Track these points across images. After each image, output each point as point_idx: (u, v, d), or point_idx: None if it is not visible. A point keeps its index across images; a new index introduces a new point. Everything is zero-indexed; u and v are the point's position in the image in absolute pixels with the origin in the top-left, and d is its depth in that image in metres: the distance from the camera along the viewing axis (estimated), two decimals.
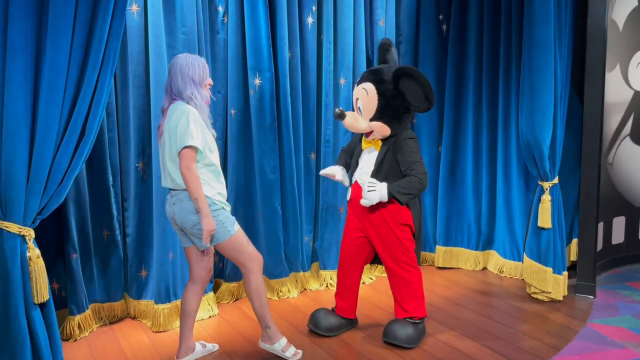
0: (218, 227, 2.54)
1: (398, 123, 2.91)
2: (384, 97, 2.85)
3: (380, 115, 2.88)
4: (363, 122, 2.92)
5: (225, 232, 2.58)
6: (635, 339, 3.04)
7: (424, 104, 2.83)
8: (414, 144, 2.91)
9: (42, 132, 2.15)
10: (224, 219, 2.59)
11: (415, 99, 2.83)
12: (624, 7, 4.07)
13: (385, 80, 2.87)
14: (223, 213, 2.60)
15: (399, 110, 2.88)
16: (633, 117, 4.24)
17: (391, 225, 2.92)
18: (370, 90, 2.88)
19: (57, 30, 2.13)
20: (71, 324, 3.06)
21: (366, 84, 2.91)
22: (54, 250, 3.09)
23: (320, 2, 3.75)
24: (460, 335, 3.12)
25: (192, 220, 2.54)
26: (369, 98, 2.89)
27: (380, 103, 2.86)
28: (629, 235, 4.34)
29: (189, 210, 2.53)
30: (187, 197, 2.53)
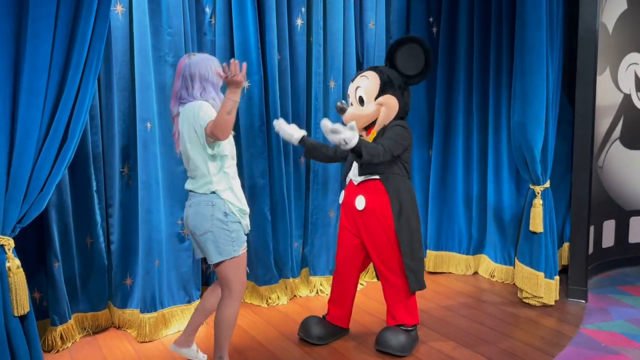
0: (226, 243, 2.45)
1: (401, 96, 2.91)
2: (383, 74, 2.90)
3: (384, 89, 2.88)
4: (368, 106, 2.88)
5: (230, 251, 2.47)
6: (630, 344, 3.02)
7: (425, 64, 2.86)
8: (402, 130, 2.83)
9: (21, 137, 2.06)
10: (236, 237, 2.48)
11: (412, 67, 2.88)
12: (614, 10, 4.08)
13: (379, 66, 3.00)
14: (238, 230, 2.50)
15: (400, 86, 2.91)
16: (623, 121, 4.24)
17: (383, 228, 2.85)
18: (370, 74, 2.92)
19: (38, 32, 2.04)
20: (53, 335, 2.96)
21: (365, 72, 2.97)
22: (35, 258, 2.99)
23: (310, 3, 3.69)
24: (453, 342, 3.07)
25: (203, 227, 2.44)
26: (370, 80, 2.90)
27: (382, 79, 2.89)
28: (619, 239, 4.34)
29: (204, 215, 2.43)
30: (205, 201, 2.44)
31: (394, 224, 2.83)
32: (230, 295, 2.53)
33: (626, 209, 4.34)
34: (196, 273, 3.40)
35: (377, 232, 2.87)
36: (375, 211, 2.84)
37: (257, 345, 3.06)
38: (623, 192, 4.32)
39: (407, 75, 2.91)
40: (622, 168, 4.29)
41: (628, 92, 4.23)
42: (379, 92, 2.87)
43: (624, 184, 4.31)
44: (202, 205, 2.45)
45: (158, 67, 3.12)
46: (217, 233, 2.44)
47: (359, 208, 2.87)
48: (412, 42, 2.90)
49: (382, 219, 2.85)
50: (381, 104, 2.86)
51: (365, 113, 2.88)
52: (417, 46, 2.88)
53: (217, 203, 2.45)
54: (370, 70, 2.96)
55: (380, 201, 2.84)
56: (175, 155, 3.19)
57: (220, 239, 2.44)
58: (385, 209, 2.83)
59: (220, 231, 2.44)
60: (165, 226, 3.21)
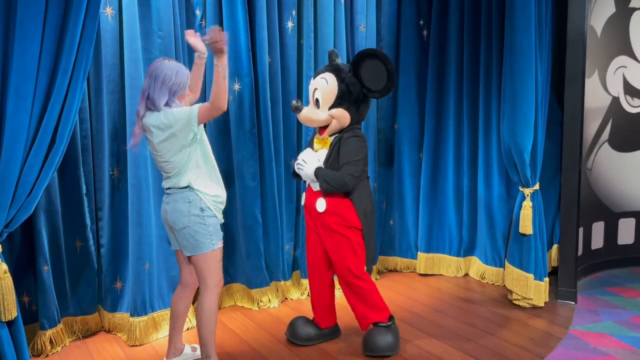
0: (204, 237, 2.51)
1: (356, 111, 2.89)
2: (343, 83, 2.85)
3: (340, 102, 2.85)
4: (321, 113, 2.88)
5: (209, 244, 2.53)
6: (619, 345, 3.04)
7: (386, 84, 2.82)
8: (357, 143, 2.85)
9: (9, 141, 2.05)
10: (213, 230, 2.55)
11: (375, 82, 2.83)
12: (602, 14, 4.11)
13: (343, 70, 2.89)
14: (215, 223, 2.56)
15: (358, 97, 2.87)
16: (611, 123, 4.28)
17: (339, 230, 2.87)
18: (330, 78, 2.87)
19: (26, 35, 2.03)
20: (42, 339, 2.94)
21: (325, 74, 2.91)
22: (24, 262, 2.96)
23: (300, 6, 3.69)
24: (443, 344, 3.08)
25: (182, 221, 2.51)
26: (328, 86, 2.86)
27: (341, 89, 2.84)
28: (608, 241, 4.37)
29: (182, 211, 2.50)
30: (182, 198, 2.51)
31: (360, 224, 2.87)
32: (207, 289, 2.59)
33: (615, 210, 4.37)
34: None
35: (337, 234, 2.87)
36: (337, 214, 2.86)
37: (248, 349, 3.05)
38: (612, 194, 4.35)
39: (368, 89, 2.85)
40: (610, 170, 4.32)
41: (616, 95, 4.27)
42: (334, 102, 2.85)
43: (612, 186, 4.34)
44: (180, 202, 2.52)
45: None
46: (195, 228, 2.51)
47: (319, 210, 2.88)
48: (376, 58, 2.81)
49: (346, 220, 2.86)
50: (332, 117, 2.87)
51: (317, 118, 2.89)
52: (381, 64, 2.80)
53: (193, 200, 2.51)
54: (332, 72, 2.88)
55: (343, 204, 2.86)
56: None
57: (198, 233, 2.52)
58: (348, 211, 2.85)
59: (198, 226, 2.51)
60: (156, 229, 3.19)
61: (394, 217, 4.41)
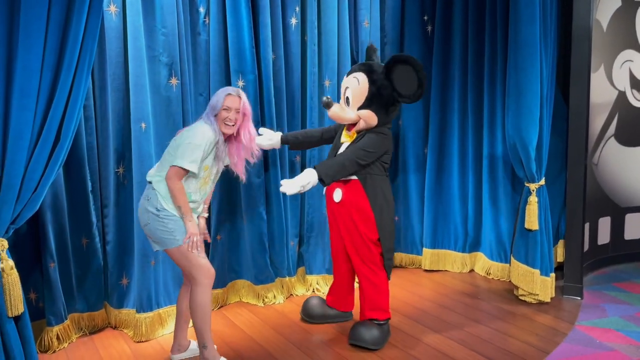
0: (163, 234, 2.56)
1: (385, 114, 2.95)
2: (374, 85, 2.89)
3: (369, 103, 2.91)
4: (350, 112, 2.94)
5: (172, 240, 2.57)
6: (624, 341, 3.03)
7: (416, 90, 2.84)
8: (377, 137, 2.92)
9: (14, 138, 2.06)
10: (173, 227, 2.57)
11: (406, 87, 2.85)
12: (608, 8, 4.08)
13: (376, 71, 2.93)
14: (175, 221, 2.58)
15: (388, 101, 2.92)
16: (617, 118, 4.25)
17: (354, 220, 2.93)
18: (362, 78, 2.92)
19: (29, 33, 2.04)
20: (49, 335, 2.96)
21: (357, 73, 2.96)
22: (31, 259, 2.99)
23: (304, 2, 3.69)
24: (448, 339, 3.08)
25: (143, 219, 2.61)
26: (359, 86, 2.91)
27: (371, 91, 2.90)
28: (614, 236, 4.35)
29: (144, 208, 2.60)
30: (145, 195, 2.61)
31: (374, 221, 2.92)
32: (195, 283, 2.62)
33: (621, 205, 4.35)
34: None
35: (352, 225, 2.95)
36: (351, 206, 2.93)
37: (254, 344, 3.06)
38: (618, 188, 4.33)
39: (399, 93, 2.89)
40: (617, 165, 4.30)
41: (623, 89, 4.24)
42: (364, 103, 2.91)
43: (619, 180, 4.32)
44: (143, 199, 2.63)
45: (152, 67, 3.12)
46: (154, 224, 2.57)
47: (336, 200, 2.98)
48: (409, 65, 2.82)
49: (359, 214, 2.93)
50: (360, 117, 2.92)
51: (346, 117, 2.95)
52: (413, 71, 2.82)
53: (151, 198, 2.59)
54: (364, 73, 2.93)
55: (358, 198, 2.93)
56: None
57: (158, 230, 2.57)
58: (363, 206, 2.92)
59: (156, 222, 2.56)
60: None
61: (399, 213, 4.41)
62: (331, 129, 3.28)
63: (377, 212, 2.92)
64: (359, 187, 2.92)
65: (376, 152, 2.89)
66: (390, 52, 4.20)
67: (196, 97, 3.44)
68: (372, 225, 2.93)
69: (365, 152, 2.86)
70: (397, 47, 4.22)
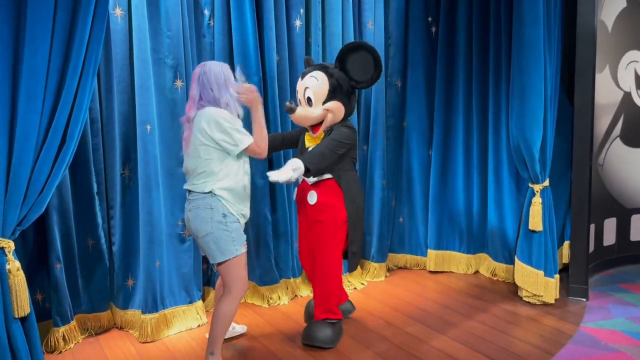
0: (227, 243, 2.55)
1: (348, 102, 3.02)
2: (333, 77, 2.97)
3: (332, 95, 2.97)
4: (316, 109, 2.97)
5: (232, 250, 2.57)
6: (630, 342, 3.01)
7: (373, 72, 2.96)
8: (347, 130, 2.98)
9: (20, 141, 2.08)
10: (236, 235, 2.59)
11: (361, 73, 2.97)
12: (613, 8, 4.07)
13: (330, 66, 3.04)
14: (237, 229, 2.60)
15: (347, 90, 3.01)
16: (623, 118, 4.24)
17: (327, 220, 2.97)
18: (320, 75, 2.98)
19: (36, 35, 2.07)
20: (55, 336, 2.98)
21: (313, 72, 3.01)
22: (37, 260, 3.01)
23: (308, 4, 3.70)
24: (452, 340, 3.08)
25: (204, 229, 2.55)
26: (320, 82, 2.97)
27: (332, 83, 2.96)
28: (620, 237, 4.33)
29: (203, 218, 2.55)
30: (204, 205, 2.55)
31: (346, 214, 2.98)
32: (230, 293, 2.63)
33: (627, 206, 4.33)
34: (197, 273, 3.42)
35: (324, 225, 2.97)
36: (327, 205, 2.97)
37: (258, 345, 3.07)
38: (624, 190, 4.31)
39: (356, 80, 2.99)
40: (622, 166, 4.28)
41: (628, 90, 4.23)
42: (327, 97, 2.96)
43: (624, 182, 4.30)
44: (201, 209, 2.55)
45: (157, 69, 3.14)
46: (218, 234, 2.53)
47: (310, 202, 3.00)
48: (363, 50, 2.96)
49: (333, 211, 2.97)
50: (328, 110, 2.96)
51: (313, 115, 2.97)
52: (368, 54, 2.95)
53: (215, 206, 2.53)
54: (319, 70, 3.00)
55: (334, 198, 2.98)
56: (175, 157, 3.22)
57: (222, 239, 2.54)
58: (338, 203, 2.98)
59: (221, 232, 2.52)
60: (166, 227, 3.23)
61: (404, 215, 4.41)
62: (292, 134, 3.28)
63: (349, 208, 2.99)
64: (334, 184, 2.98)
65: (349, 143, 2.95)
66: (394, 53, 4.20)
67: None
68: (339, 226, 2.98)
69: (338, 142, 2.90)
70: (401, 48, 4.22)
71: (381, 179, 4.13)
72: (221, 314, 2.62)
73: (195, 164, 2.59)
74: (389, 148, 4.26)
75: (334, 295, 3.07)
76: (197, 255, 3.42)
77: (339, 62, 3.00)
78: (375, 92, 4.04)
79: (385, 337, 3.15)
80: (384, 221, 4.20)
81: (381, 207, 4.16)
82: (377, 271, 4.18)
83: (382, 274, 4.20)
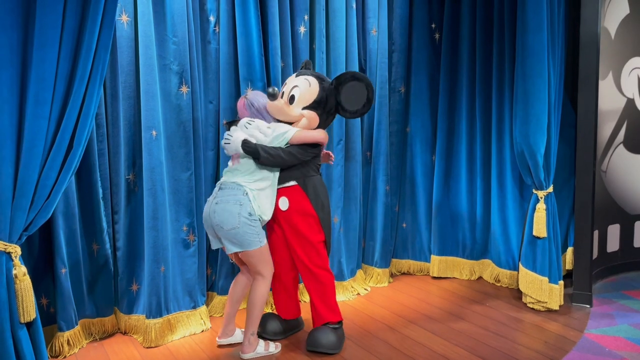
0: (252, 237, 2.81)
1: (324, 120, 3.06)
2: (324, 91, 3.00)
3: (315, 106, 2.99)
4: (295, 109, 2.98)
5: (257, 242, 2.84)
6: (634, 349, 3.01)
7: (361, 108, 3.01)
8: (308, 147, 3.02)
9: (28, 146, 2.10)
10: (259, 230, 2.86)
11: (351, 103, 3.00)
12: (616, 15, 4.09)
13: (326, 80, 3.07)
14: (259, 225, 2.86)
15: (330, 110, 3.04)
16: (626, 125, 4.24)
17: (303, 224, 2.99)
18: (314, 82, 3.01)
19: (44, 43, 2.09)
20: (60, 341, 2.99)
21: (309, 77, 3.04)
22: (43, 264, 3.03)
23: (313, 11, 3.73)
24: (455, 346, 3.08)
25: (231, 222, 2.77)
26: (311, 88, 2.99)
27: (320, 95, 2.99)
28: (624, 243, 4.33)
29: (232, 212, 2.77)
30: (234, 200, 2.79)
31: (318, 219, 3.01)
32: (262, 278, 2.93)
33: (631, 213, 4.33)
34: (201, 279, 3.43)
35: (300, 231, 2.99)
36: (298, 212, 2.99)
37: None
38: (627, 196, 4.31)
39: (342, 106, 3.02)
40: (626, 172, 4.29)
41: (631, 97, 4.24)
42: (310, 104, 2.98)
43: (628, 188, 4.31)
44: (231, 203, 2.80)
45: (163, 75, 3.17)
46: (244, 228, 2.78)
47: (282, 209, 3.01)
48: (363, 84, 2.99)
49: (306, 219, 2.99)
50: (304, 116, 2.98)
51: (290, 113, 2.98)
52: (364, 90, 2.99)
53: (244, 203, 2.80)
54: (316, 78, 3.02)
55: (303, 203, 2.99)
56: (180, 162, 3.24)
57: (247, 234, 2.80)
58: (307, 208, 2.99)
59: (247, 227, 2.79)
60: (171, 232, 3.25)
61: (407, 220, 4.42)
62: None
63: (319, 211, 3.01)
64: (300, 191, 3.00)
65: (313, 151, 2.98)
66: (398, 59, 4.22)
67: (206, 105, 3.48)
68: (318, 227, 3.02)
69: (302, 148, 2.93)
70: (405, 55, 4.24)
71: (385, 184, 4.14)
72: (258, 297, 2.91)
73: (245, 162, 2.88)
74: (392, 154, 4.28)
75: (333, 295, 3.08)
76: (202, 260, 3.43)
77: (336, 82, 3.02)
78: (378, 98, 4.06)
79: (388, 342, 3.16)
80: (387, 227, 4.21)
81: (384, 213, 4.17)
82: (381, 277, 4.18)
83: (385, 279, 4.20)
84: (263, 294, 2.92)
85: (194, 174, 3.32)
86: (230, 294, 3.10)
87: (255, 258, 2.88)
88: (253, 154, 2.84)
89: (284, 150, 2.88)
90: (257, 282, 2.94)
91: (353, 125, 3.94)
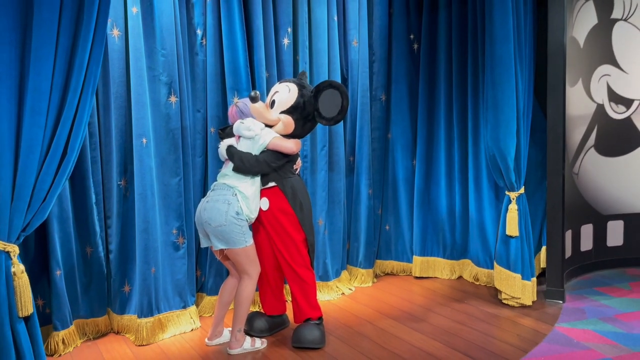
0: (238, 235, 2.97)
1: (301, 125, 3.19)
2: (302, 98, 3.15)
3: (292, 110, 3.15)
4: (273, 113, 3.15)
5: (242, 241, 3.00)
6: (601, 340, 3.18)
7: (336, 115, 3.15)
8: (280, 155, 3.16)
9: (25, 152, 2.26)
10: (245, 230, 3.01)
11: (327, 110, 3.15)
12: (584, 25, 4.28)
13: (307, 87, 3.22)
14: (246, 225, 3.02)
15: (307, 116, 3.18)
16: (597, 129, 4.43)
17: (285, 228, 3.14)
18: (294, 88, 3.18)
19: (40, 57, 2.25)
20: (55, 340, 3.12)
21: (291, 84, 3.20)
22: (38, 267, 3.16)
23: (296, 24, 3.90)
24: (432, 340, 3.23)
25: (218, 220, 2.94)
26: (289, 94, 3.16)
27: (297, 101, 3.14)
28: (597, 243, 4.50)
29: (220, 210, 2.94)
30: (223, 199, 2.97)
31: (297, 219, 3.15)
32: (248, 278, 3.08)
33: (603, 213, 4.51)
34: (191, 280, 3.57)
35: (281, 229, 3.15)
36: (278, 212, 3.14)
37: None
38: (599, 197, 4.49)
39: (319, 112, 3.16)
40: (597, 174, 4.47)
41: (601, 102, 4.43)
42: (287, 109, 3.15)
43: (600, 189, 4.48)
44: (220, 202, 2.96)
45: (153, 86, 3.32)
46: (231, 227, 2.94)
47: (263, 209, 3.16)
48: (339, 92, 3.13)
49: (286, 218, 3.14)
50: (280, 120, 3.14)
51: (267, 116, 3.13)
52: (340, 98, 3.13)
53: (232, 203, 2.96)
54: (297, 86, 3.18)
55: (281, 203, 3.14)
56: (169, 168, 3.40)
57: (234, 232, 2.95)
58: (286, 208, 3.14)
59: (233, 225, 2.95)
60: (161, 235, 3.39)
61: (390, 223, 4.58)
62: None
63: (298, 211, 3.15)
64: (279, 192, 3.14)
65: (284, 159, 3.12)
66: (378, 69, 4.41)
67: (194, 114, 3.64)
68: (298, 226, 3.16)
69: (275, 156, 3.08)
70: (385, 65, 4.43)
71: (367, 188, 4.31)
72: (244, 295, 3.07)
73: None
74: (374, 159, 4.45)
75: (314, 293, 3.23)
76: (191, 262, 3.57)
77: (315, 89, 3.16)
78: (360, 105, 4.24)
79: (370, 337, 3.31)
80: (370, 229, 4.37)
81: (368, 216, 4.33)
82: (365, 277, 4.34)
83: (369, 279, 4.36)
84: (249, 292, 3.08)
85: (182, 180, 3.48)
86: (219, 296, 3.24)
87: (242, 257, 3.03)
88: (231, 160, 3.05)
89: (258, 159, 3.05)
90: (244, 281, 3.09)
91: (336, 132, 4.11)
